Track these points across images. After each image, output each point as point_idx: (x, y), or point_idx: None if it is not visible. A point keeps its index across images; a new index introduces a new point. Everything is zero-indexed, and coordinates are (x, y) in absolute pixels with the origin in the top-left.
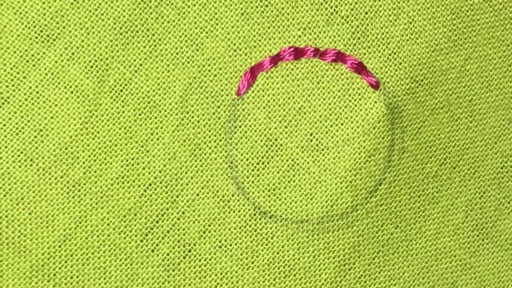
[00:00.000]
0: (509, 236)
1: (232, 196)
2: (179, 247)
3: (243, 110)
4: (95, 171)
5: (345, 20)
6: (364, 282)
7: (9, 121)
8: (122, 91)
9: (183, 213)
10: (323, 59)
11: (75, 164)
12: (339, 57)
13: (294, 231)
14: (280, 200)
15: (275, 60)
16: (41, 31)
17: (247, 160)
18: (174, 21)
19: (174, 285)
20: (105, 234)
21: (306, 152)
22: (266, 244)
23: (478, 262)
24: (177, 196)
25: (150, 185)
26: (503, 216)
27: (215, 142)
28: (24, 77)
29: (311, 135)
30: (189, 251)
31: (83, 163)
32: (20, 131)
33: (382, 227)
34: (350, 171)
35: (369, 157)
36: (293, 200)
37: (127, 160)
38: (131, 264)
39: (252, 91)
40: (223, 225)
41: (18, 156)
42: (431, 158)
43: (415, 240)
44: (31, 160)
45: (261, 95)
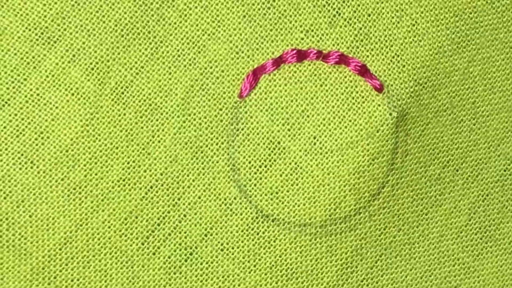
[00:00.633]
0: None
1: (234, 199)
2: (180, 250)
3: (246, 112)
4: (96, 174)
5: (348, 22)
6: (367, 285)
7: (9, 123)
8: (123, 93)
9: (184, 216)
10: (326, 62)
11: (76, 167)
12: (342, 59)
13: (297, 235)
14: (283, 203)
15: (278, 62)
16: (42, 33)
17: (250, 163)
18: (175, 23)
19: None
20: (106, 237)
21: (310, 155)
22: (269, 248)
23: (481, 266)
24: (178, 199)
25: (151, 187)
26: (506, 219)
27: (217, 144)
28: (24, 79)
29: (314, 138)
30: (190, 254)
31: (84, 165)
32: (20, 133)
33: (385, 230)
34: (353, 174)
35: (372, 160)
36: (296, 204)
37: (128, 163)
38: (132, 267)
39: (255, 94)
40: (225, 228)
41: (19, 158)
42: (434, 160)
43: (418, 243)
44: (31, 162)
45: (263, 98)
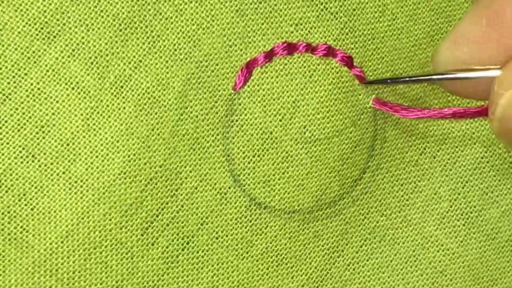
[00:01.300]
0: (495, 226)
1: (229, 188)
2: (178, 240)
3: (240, 104)
4: (96, 167)
5: (334, 16)
6: (353, 269)
7: (11, 117)
8: (122, 87)
9: (182, 206)
10: (315, 54)
11: (77, 160)
12: (330, 51)
13: (286, 221)
14: (274, 191)
15: (269, 55)
16: (41, 28)
17: (243, 153)
18: (172, 17)
19: (173, 276)
20: (106, 229)
21: (300, 144)
22: (260, 235)
23: (465, 251)
24: (176, 190)
25: (151, 180)
26: (487, 206)
27: (213, 136)
28: (25, 74)
29: (304, 127)
30: (187, 243)
31: (85, 159)
32: (22, 127)
33: (368, 214)
34: (338, 162)
35: (354, 147)
36: (286, 191)
37: (128, 156)
38: (131, 258)
39: (248, 86)
40: (220, 216)
41: (20, 152)
42: (411, 147)
43: (400, 228)
44: (33, 156)
45: (256, 90)
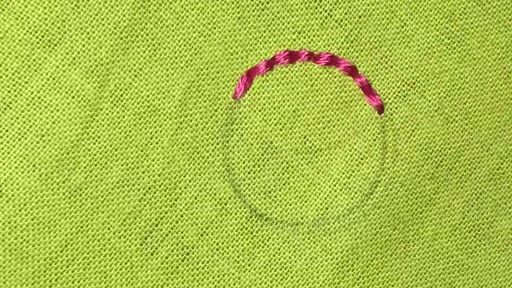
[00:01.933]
0: (506, 237)
1: (229, 198)
2: (177, 250)
3: (240, 113)
4: (96, 176)
5: (339, 24)
6: (363, 283)
7: (11, 126)
8: (122, 95)
9: (181, 216)
10: (317, 63)
11: (77, 169)
12: (333, 60)
13: (290, 234)
14: (275, 202)
15: (271, 63)
16: (42, 37)
17: (244, 163)
18: (172, 25)
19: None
20: (105, 238)
21: (300, 154)
22: (263, 247)
23: (475, 263)
24: (175, 200)
25: (149, 188)
26: (500, 217)
27: (212, 145)
28: (25, 82)
29: (305, 137)
30: (187, 254)
31: (84, 167)
32: (22, 136)
33: (380, 229)
34: (343, 173)
35: (361, 159)
36: (288, 203)
37: (127, 164)
38: (131, 268)
39: (249, 95)
40: (220, 227)
41: (21, 161)
42: (427, 160)
43: (412, 242)
44: (33, 165)
45: (257, 99)
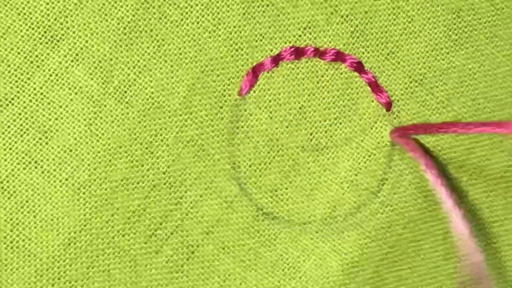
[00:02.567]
0: None
1: (235, 197)
2: (182, 249)
3: (245, 110)
4: (100, 173)
5: (344, 19)
6: (373, 283)
7: (13, 122)
8: (126, 92)
9: (186, 214)
10: (323, 59)
11: (80, 166)
12: (339, 56)
13: (297, 233)
14: (282, 201)
15: (276, 60)
16: (45, 32)
17: (250, 160)
18: (177, 21)
19: (177, 287)
20: (109, 236)
21: (307, 152)
22: (269, 246)
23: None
24: (180, 198)
25: (154, 186)
26: (510, 216)
27: (218, 143)
28: (28, 78)
29: (310, 134)
30: (192, 253)
31: (88, 165)
32: (24, 132)
33: (389, 228)
34: (350, 171)
35: (368, 156)
36: (294, 201)
37: (131, 162)
38: (135, 267)
39: (254, 91)
40: (226, 226)
41: (23, 158)
42: (437, 158)
43: (423, 240)
44: (35, 162)
45: (262, 95)
